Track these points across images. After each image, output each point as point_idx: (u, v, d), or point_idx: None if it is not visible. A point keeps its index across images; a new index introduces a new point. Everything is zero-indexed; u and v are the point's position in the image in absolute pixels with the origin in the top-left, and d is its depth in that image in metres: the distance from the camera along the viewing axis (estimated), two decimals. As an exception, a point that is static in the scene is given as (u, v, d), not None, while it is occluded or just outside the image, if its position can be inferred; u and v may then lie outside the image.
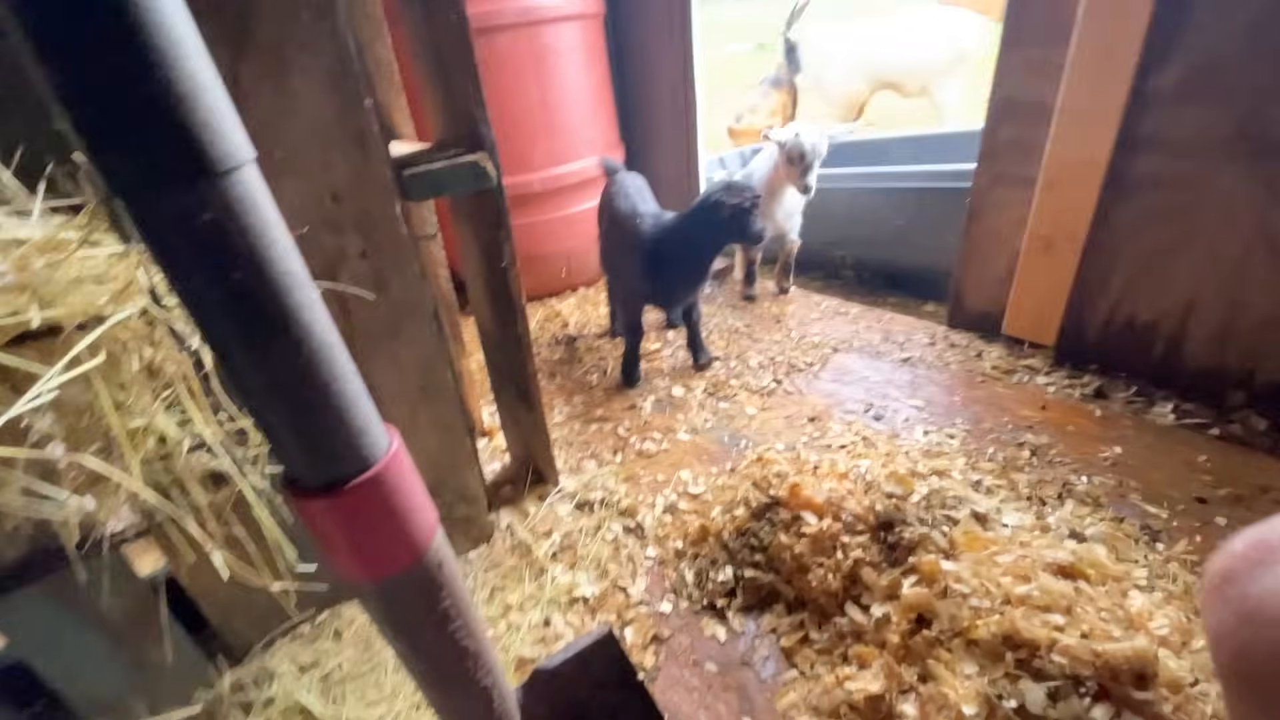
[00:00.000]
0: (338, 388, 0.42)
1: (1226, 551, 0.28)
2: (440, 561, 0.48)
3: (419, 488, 0.48)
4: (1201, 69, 1.57)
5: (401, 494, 0.44)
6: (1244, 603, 0.26)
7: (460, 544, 1.49)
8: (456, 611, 0.50)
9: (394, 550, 0.45)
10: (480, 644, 0.52)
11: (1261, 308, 1.66)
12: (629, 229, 2.08)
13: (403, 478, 0.45)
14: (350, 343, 1.14)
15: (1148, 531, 1.40)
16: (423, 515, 0.48)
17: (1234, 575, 0.27)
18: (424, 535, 0.47)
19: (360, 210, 1.05)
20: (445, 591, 0.49)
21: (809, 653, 1.22)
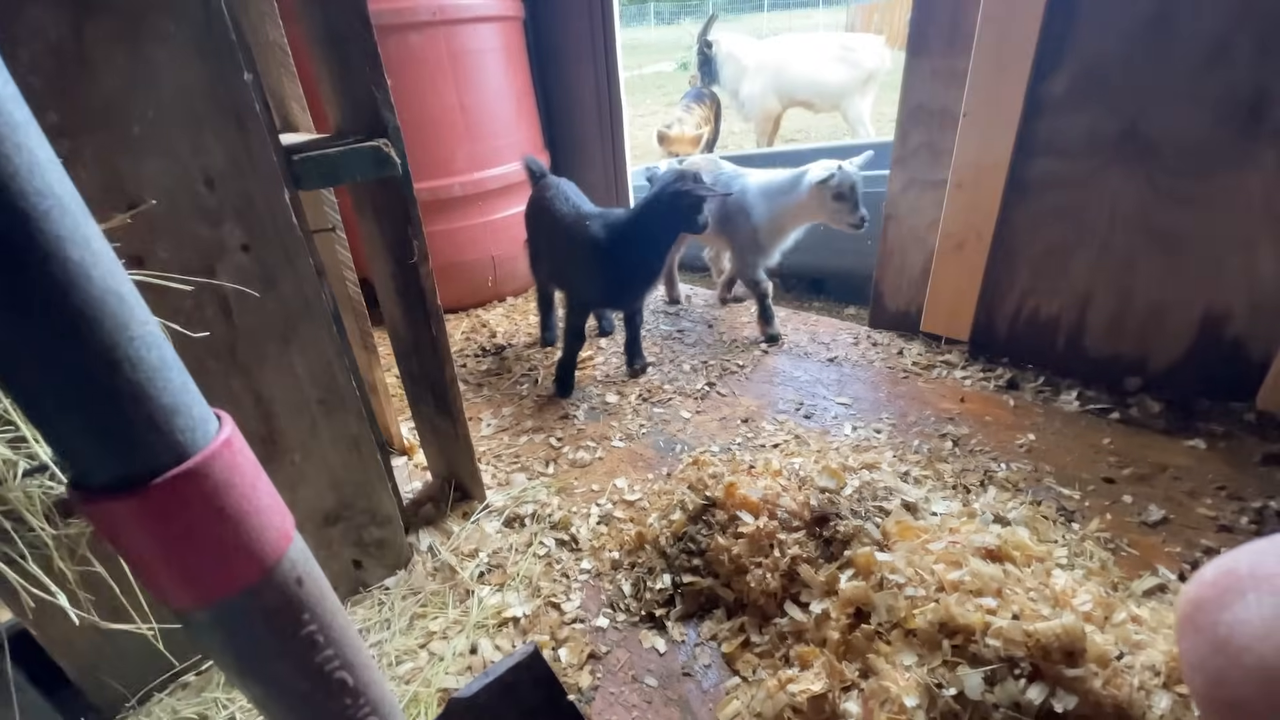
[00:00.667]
0: (134, 352, 0.32)
1: (1197, 580, 0.28)
2: (299, 576, 0.40)
3: (262, 484, 0.39)
4: (1087, 75, 1.68)
5: (235, 491, 0.36)
6: (1215, 630, 0.26)
7: (374, 571, 1.36)
8: (326, 638, 0.41)
9: (230, 564, 0.36)
10: (362, 676, 0.44)
11: (1149, 299, 1.79)
12: (578, 231, 1.99)
13: (236, 471, 0.36)
14: (234, 348, 1.02)
15: (1064, 512, 1.45)
16: (269, 518, 0.39)
17: (1204, 604, 0.27)
18: (272, 543, 0.38)
19: (241, 197, 0.94)
20: (308, 614, 0.40)
21: (750, 657, 1.18)
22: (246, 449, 0.39)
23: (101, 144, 0.86)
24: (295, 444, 1.12)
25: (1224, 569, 0.26)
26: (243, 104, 0.92)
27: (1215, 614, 0.25)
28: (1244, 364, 1.69)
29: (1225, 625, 0.25)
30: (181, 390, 0.36)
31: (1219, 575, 0.26)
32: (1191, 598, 0.27)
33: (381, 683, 0.46)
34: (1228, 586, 0.25)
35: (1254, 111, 1.50)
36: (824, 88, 5.13)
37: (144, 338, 0.33)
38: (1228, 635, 0.24)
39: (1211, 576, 0.26)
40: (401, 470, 1.76)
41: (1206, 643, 0.25)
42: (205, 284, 0.94)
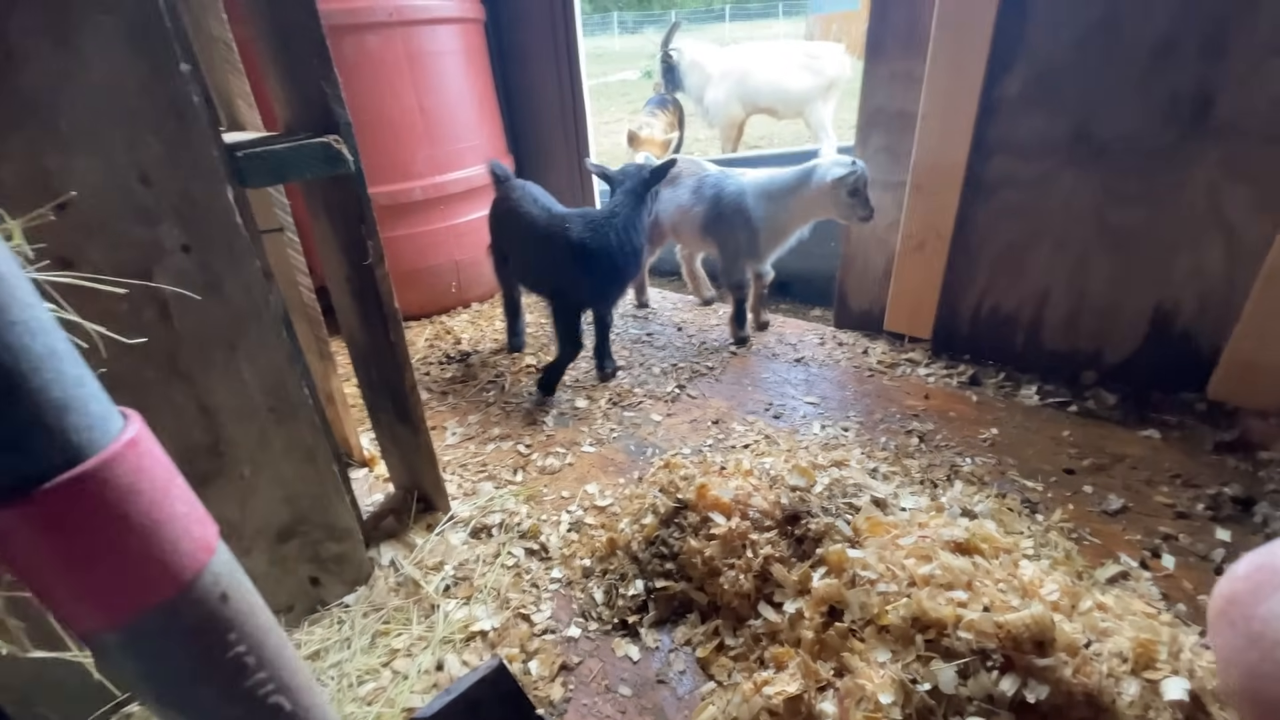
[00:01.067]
0: (14, 340, 0.28)
1: (1230, 575, 0.28)
2: (223, 592, 0.36)
3: (176, 490, 0.36)
4: (1039, 77, 1.73)
5: (143, 498, 0.32)
6: (1249, 625, 0.26)
7: (333, 587, 1.30)
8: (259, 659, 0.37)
9: (139, 579, 0.32)
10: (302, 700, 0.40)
11: (1103, 294, 1.84)
12: (557, 232, 1.95)
13: (143, 475, 0.32)
14: (175, 355, 0.96)
15: (1028, 504, 1.47)
16: (185, 527, 0.35)
17: (1238, 598, 0.27)
18: (189, 555, 0.35)
19: (180, 195, 0.89)
20: (235, 633, 0.36)
21: (725, 661, 1.16)
22: (158, 450, 0.35)
23: (28, 140, 0.80)
24: (244, 456, 1.06)
25: (1257, 564, 0.26)
26: (180, 97, 0.87)
27: (1250, 608, 0.25)
28: (1194, 356, 1.75)
29: (1260, 620, 0.24)
30: (75, 384, 0.32)
31: (1252, 570, 0.26)
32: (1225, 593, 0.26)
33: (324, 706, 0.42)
34: (1262, 581, 0.25)
35: (1198, 111, 1.56)
36: (787, 95, 5.21)
37: (27, 323, 0.29)
38: (1262, 630, 0.24)
39: (1244, 571, 0.26)
40: (362, 483, 1.70)
41: (1241, 637, 0.25)
42: (141, 287, 0.88)
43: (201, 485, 1.04)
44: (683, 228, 2.41)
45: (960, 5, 1.76)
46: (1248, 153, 1.53)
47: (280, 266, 1.40)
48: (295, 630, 1.26)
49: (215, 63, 1.30)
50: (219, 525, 1.06)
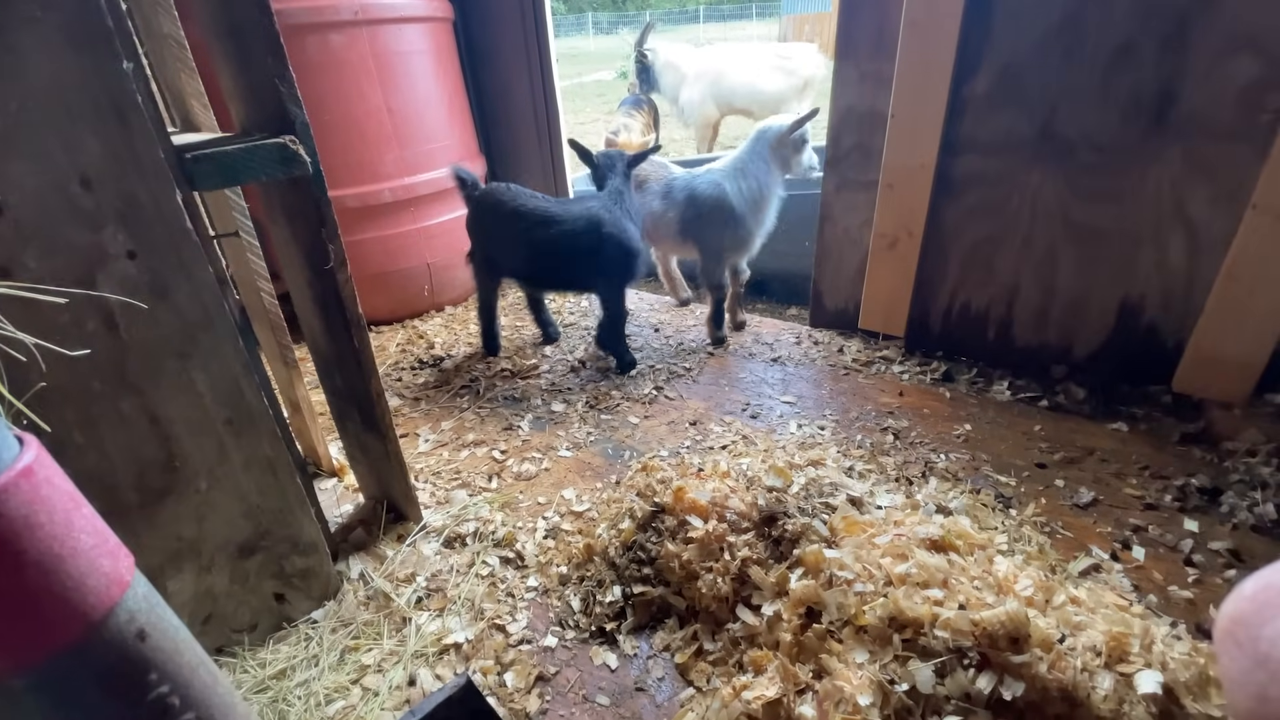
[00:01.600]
0: None
1: (1236, 595, 0.27)
2: (140, 629, 0.33)
3: (82, 521, 0.33)
4: (1004, 77, 1.75)
5: (41, 532, 0.29)
6: (1256, 646, 0.25)
7: (299, 604, 1.25)
8: (184, 699, 0.34)
9: (41, 620, 0.29)
10: (237, 737, 0.37)
11: (1071, 290, 1.87)
12: (588, 222, 2.03)
13: (41, 506, 0.29)
14: (122, 366, 0.91)
15: (1001, 499, 1.49)
16: (93, 562, 0.32)
17: (1244, 619, 0.27)
18: (99, 592, 0.32)
19: (123, 199, 0.84)
20: (157, 673, 0.33)
21: (704, 666, 1.15)
22: (59, 478, 0.32)
23: (-46, 141, 0.76)
24: (200, 469, 1.01)
25: (1264, 583, 0.25)
26: (123, 96, 0.83)
27: (1256, 629, 0.24)
28: (1159, 349, 1.78)
29: (1267, 640, 0.24)
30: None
31: (1258, 589, 0.25)
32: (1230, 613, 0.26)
33: (264, 742, 0.39)
34: (1268, 600, 0.24)
35: (1159, 110, 1.59)
36: (762, 95, 5.23)
37: None
38: (1269, 650, 0.23)
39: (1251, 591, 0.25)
40: (330, 493, 1.65)
41: (1248, 658, 0.24)
42: (84, 296, 0.84)
43: (156, 501, 0.99)
44: (658, 233, 2.37)
45: (927, 7, 1.77)
46: (1208, 149, 1.57)
47: (240, 271, 1.36)
48: (260, 649, 1.21)
49: (167, 61, 1.25)
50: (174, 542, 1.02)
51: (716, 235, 2.25)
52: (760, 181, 2.21)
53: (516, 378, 2.24)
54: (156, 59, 1.26)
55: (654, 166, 2.40)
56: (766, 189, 2.22)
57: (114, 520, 0.95)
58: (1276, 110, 1.46)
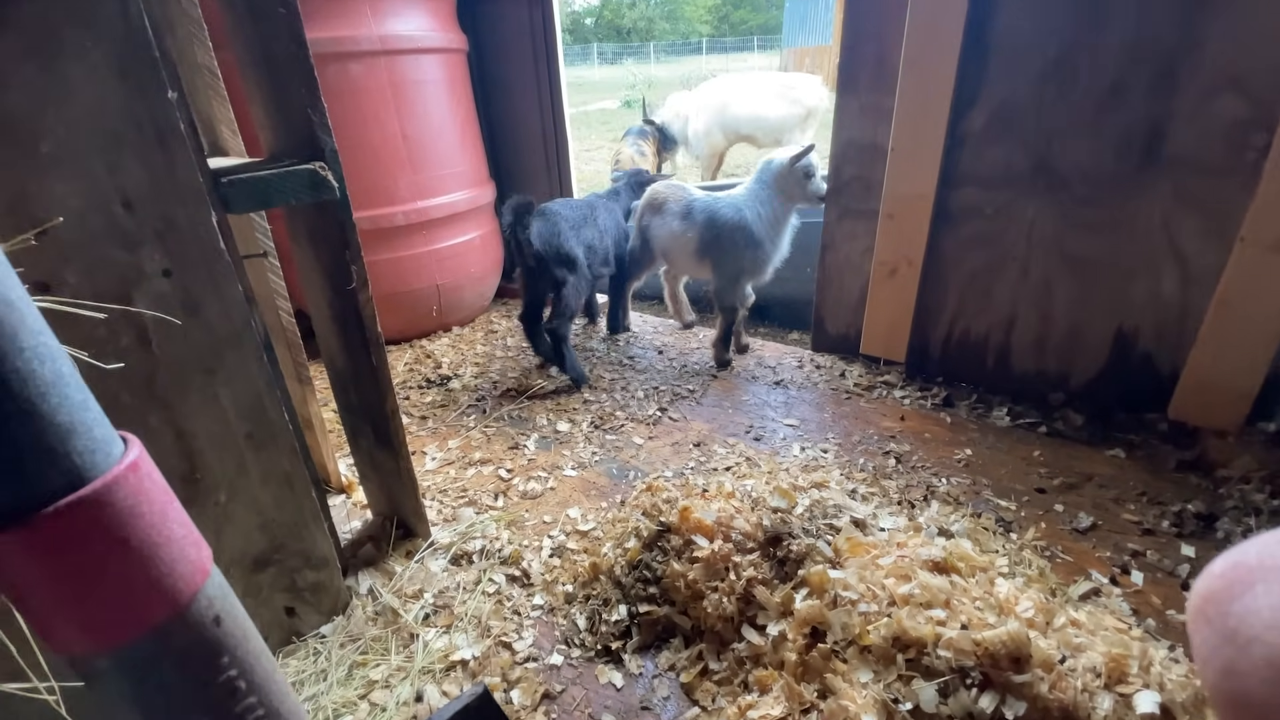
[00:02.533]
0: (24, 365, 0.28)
1: (1207, 573, 0.29)
2: (217, 615, 0.36)
3: (174, 512, 0.36)
4: (1001, 113, 1.82)
5: (143, 520, 0.32)
6: (1225, 622, 0.26)
7: (309, 618, 1.27)
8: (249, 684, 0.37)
9: (137, 602, 0.32)
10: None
11: (1066, 319, 1.91)
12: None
13: (143, 497, 0.33)
14: (152, 380, 0.95)
15: (1002, 523, 1.51)
16: (182, 550, 0.35)
17: (1214, 596, 0.27)
18: (186, 578, 0.35)
19: (162, 220, 0.89)
20: (228, 656, 0.36)
21: (709, 685, 1.16)
22: (156, 473, 0.36)
23: (7, 162, 0.80)
24: (221, 482, 1.04)
25: (1233, 561, 0.27)
26: (165, 123, 0.88)
27: (1225, 605, 0.26)
28: (1154, 377, 1.82)
29: (1235, 616, 0.25)
30: (80, 409, 0.32)
31: (1228, 567, 0.27)
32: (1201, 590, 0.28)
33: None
34: (1237, 578, 0.26)
35: (1149, 147, 1.65)
36: (766, 123, 5.36)
37: (36, 349, 0.30)
38: (1237, 626, 0.25)
39: (1220, 569, 0.27)
40: (340, 509, 1.67)
41: (1216, 634, 0.26)
42: (120, 312, 0.87)
43: (175, 513, 1.02)
44: (675, 253, 2.44)
45: (926, 44, 1.85)
46: (1197, 184, 1.62)
47: (261, 291, 1.40)
48: (268, 663, 1.22)
49: (199, 89, 1.31)
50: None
51: (735, 257, 2.30)
52: (773, 208, 2.27)
53: (522, 397, 2.27)
54: (190, 87, 1.32)
55: (672, 189, 2.46)
56: (780, 216, 2.29)
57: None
58: (1261, 148, 1.51)
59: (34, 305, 0.31)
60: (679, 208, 2.38)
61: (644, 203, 2.53)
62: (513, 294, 3.36)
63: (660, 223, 2.43)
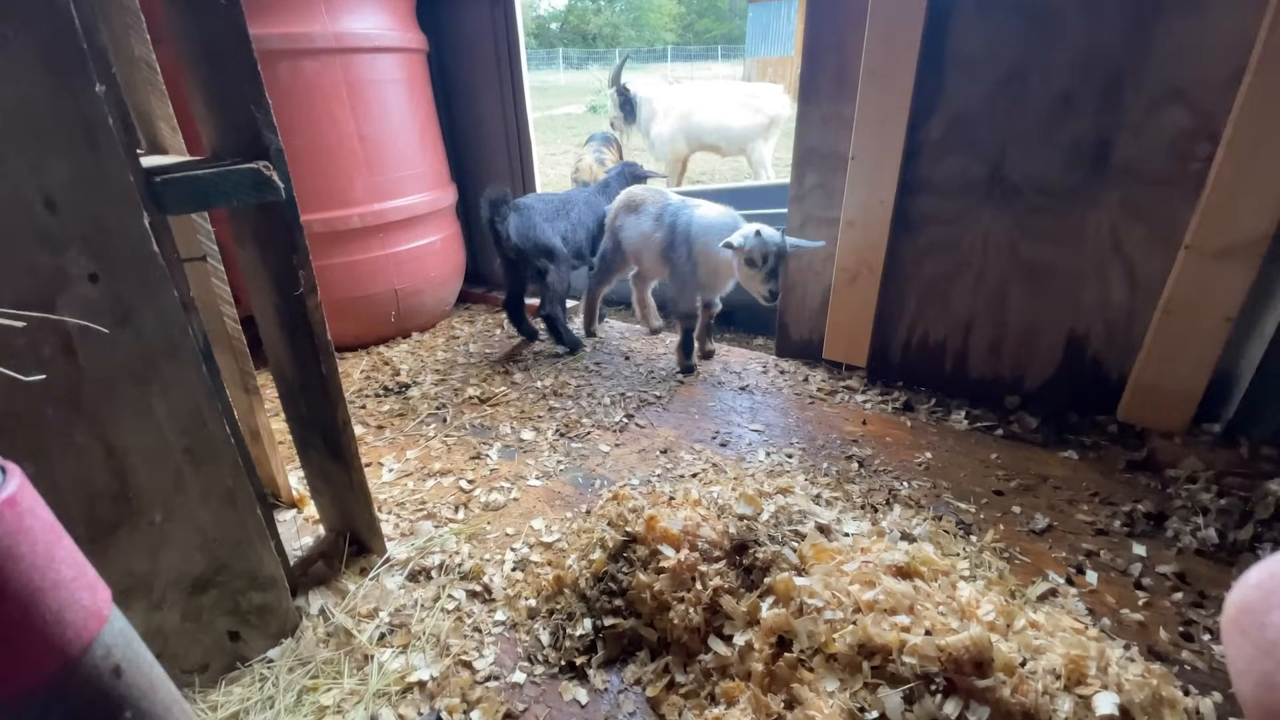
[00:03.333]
0: None
1: (1242, 584, 0.28)
2: (116, 665, 0.32)
3: (63, 553, 0.32)
4: (957, 123, 1.86)
5: (22, 563, 0.28)
6: (1262, 634, 0.25)
7: (255, 642, 1.20)
8: (158, 737, 0.33)
9: (18, 654, 0.28)
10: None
11: (1020, 323, 1.96)
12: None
13: (23, 537, 0.29)
14: (77, 392, 0.88)
15: (962, 526, 1.53)
16: (73, 595, 0.31)
17: (1250, 607, 0.27)
18: (77, 626, 0.31)
19: (89, 221, 0.83)
20: (131, 710, 0.32)
21: (676, 699, 1.13)
22: (41, 509, 0.32)
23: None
24: (155, 501, 0.97)
25: (1269, 571, 0.26)
26: (94, 119, 0.82)
27: (1262, 616, 0.25)
28: (1105, 381, 1.88)
29: (1273, 628, 0.25)
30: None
31: (1264, 578, 0.26)
32: (1237, 601, 0.27)
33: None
34: (1273, 589, 0.25)
35: (1097, 155, 1.70)
36: (730, 132, 5.41)
37: None
38: (1276, 638, 0.24)
39: (1256, 579, 0.26)
40: (290, 525, 1.59)
41: (1253, 646, 0.25)
42: (42, 319, 0.81)
43: (107, 534, 0.95)
44: (644, 253, 2.44)
45: (885, 56, 1.88)
46: (1143, 193, 1.69)
47: (203, 296, 1.32)
48: (211, 691, 1.15)
49: (137, 84, 1.23)
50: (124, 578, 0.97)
51: (680, 268, 2.30)
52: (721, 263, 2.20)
53: (485, 405, 2.22)
54: (126, 81, 1.24)
55: (651, 192, 2.48)
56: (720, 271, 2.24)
57: (57, 555, 0.90)
58: (1205, 158, 1.58)
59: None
60: (655, 209, 2.39)
61: (619, 203, 2.52)
62: (475, 299, 3.30)
63: (634, 222, 2.44)
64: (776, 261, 1.99)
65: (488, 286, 3.32)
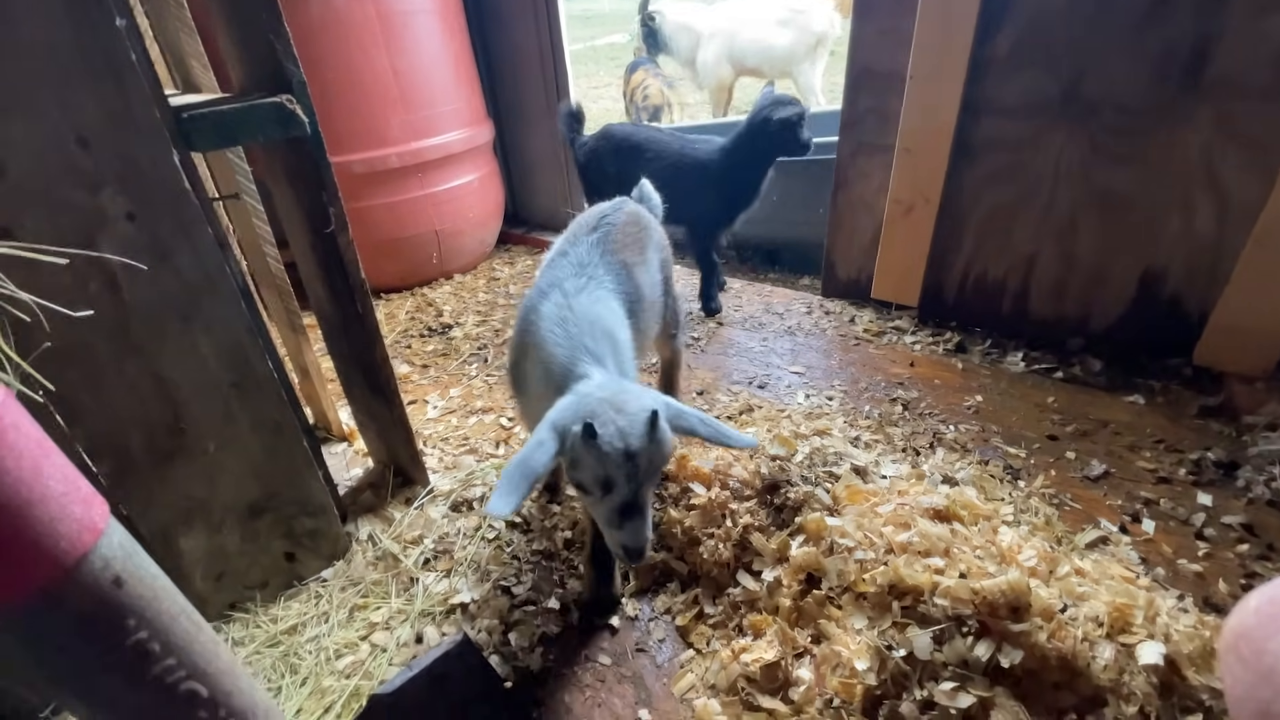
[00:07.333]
0: None
1: (1241, 609, 0.27)
2: (116, 576, 0.33)
3: (52, 468, 0.33)
4: (1029, 35, 1.67)
5: (8, 476, 0.29)
6: (1261, 660, 0.25)
7: (309, 563, 1.28)
8: (165, 645, 0.35)
9: (11, 561, 0.29)
10: (221, 685, 0.38)
11: (1090, 259, 1.81)
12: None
13: (9, 451, 0.29)
14: (126, 327, 0.92)
15: (1010, 471, 1.47)
16: (63, 508, 0.32)
17: (1249, 633, 0.26)
18: (70, 538, 0.32)
19: (121, 159, 0.84)
20: (135, 619, 0.34)
21: (704, 629, 1.16)
22: (27, 423, 0.32)
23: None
24: (208, 431, 1.03)
25: (1268, 597, 0.24)
26: (117, 55, 0.82)
27: (1261, 643, 0.24)
28: (1181, 321, 1.73)
29: (1272, 655, 0.23)
30: None
31: (1263, 603, 0.24)
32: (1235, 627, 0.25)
33: (250, 691, 0.40)
34: (1272, 615, 0.23)
35: (1191, 67, 1.51)
36: (772, 52, 5.03)
37: None
38: (1273, 665, 0.23)
39: (1255, 604, 0.25)
40: (341, 457, 1.67)
41: (1252, 673, 0.24)
42: (86, 258, 0.84)
43: (166, 463, 1.01)
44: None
45: (951, -43, 1.69)
46: (1243, 112, 1.49)
47: (246, 236, 1.35)
48: (272, 605, 1.25)
49: (166, 21, 1.23)
50: (185, 502, 1.04)
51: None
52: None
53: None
54: (156, 19, 1.24)
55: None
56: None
57: (127, 480, 0.97)
58: (1319, 68, 1.38)
59: None
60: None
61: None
62: (515, 240, 3.28)
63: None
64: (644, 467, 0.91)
65: (527, 228, 3.30)
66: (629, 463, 0.85)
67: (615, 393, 0.91)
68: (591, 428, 0.83)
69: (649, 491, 0.93)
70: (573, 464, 0.89)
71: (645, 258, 1.32)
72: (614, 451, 0.84)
